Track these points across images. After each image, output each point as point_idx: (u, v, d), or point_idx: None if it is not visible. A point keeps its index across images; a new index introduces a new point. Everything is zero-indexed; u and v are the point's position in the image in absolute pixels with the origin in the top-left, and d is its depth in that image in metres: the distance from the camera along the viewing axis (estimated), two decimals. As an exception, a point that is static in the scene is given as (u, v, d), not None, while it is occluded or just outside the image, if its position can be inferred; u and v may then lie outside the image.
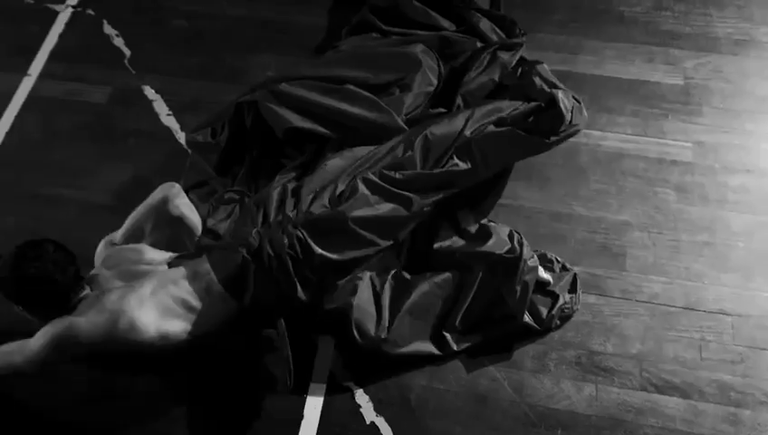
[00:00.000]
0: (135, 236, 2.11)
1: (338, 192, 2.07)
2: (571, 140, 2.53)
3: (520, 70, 2.44)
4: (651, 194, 2.44)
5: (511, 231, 2.18)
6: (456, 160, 2.14)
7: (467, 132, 2.15)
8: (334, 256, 1.98)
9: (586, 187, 2.47)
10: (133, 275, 1.96)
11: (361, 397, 2.05)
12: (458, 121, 2.18)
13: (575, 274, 2.22)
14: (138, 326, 1.85)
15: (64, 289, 1.87)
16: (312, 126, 2.29)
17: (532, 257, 2.11)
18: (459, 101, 2.40)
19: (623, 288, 2.25)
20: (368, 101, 2.32)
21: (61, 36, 2.91)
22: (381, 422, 2.01)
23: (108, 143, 2.60)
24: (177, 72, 2.79)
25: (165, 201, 2.11)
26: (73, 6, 3.00)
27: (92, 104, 2.71)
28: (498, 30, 2.63)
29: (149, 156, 2.56)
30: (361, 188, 2.05)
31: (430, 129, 2.16)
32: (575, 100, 2.30)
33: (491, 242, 2.12)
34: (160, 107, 2.70)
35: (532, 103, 2.26)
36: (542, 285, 2.16)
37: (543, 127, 2.21)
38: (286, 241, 1.96)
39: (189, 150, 2.45)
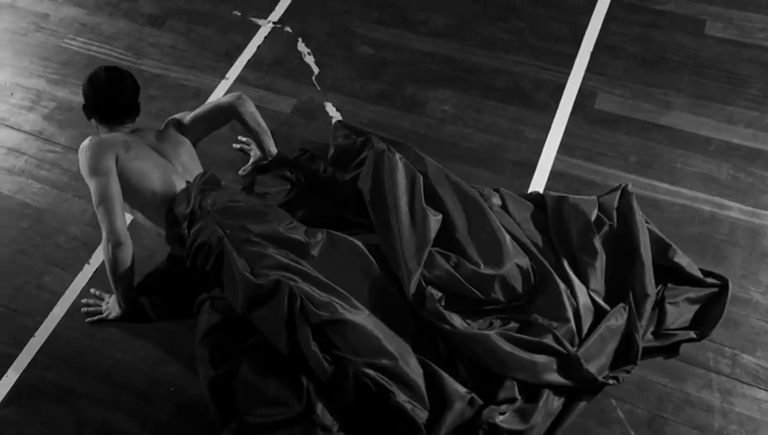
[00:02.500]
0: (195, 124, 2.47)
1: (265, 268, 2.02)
2: (756, 221, 2.41)
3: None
4: (843, 294, 2.22)
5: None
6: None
7: None
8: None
9: None
10: (155, 152, 2.32)
11: None
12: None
13: None
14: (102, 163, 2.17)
15: (109, 105, 2.28)
16: (370, 210, 2.24)
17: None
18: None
19: (800, 390, 2.05)
20: (419, 243, 2.13)
21: (259, 48, 3.15)
22: None
23: (285, 150, 2.74)
24: (358, 95, 2.92)
25: (233, 108, 2.44)
26: (274, 23, 3.24)
27: (277, 112, 2.89)
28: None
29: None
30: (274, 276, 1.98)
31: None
32: None
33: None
34: (338, 124, 2.83)
35: None
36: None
37: None
38: (208, 236, 2.09)
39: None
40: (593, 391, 2.03)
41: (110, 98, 2.27)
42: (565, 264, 2.21)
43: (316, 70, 3.04)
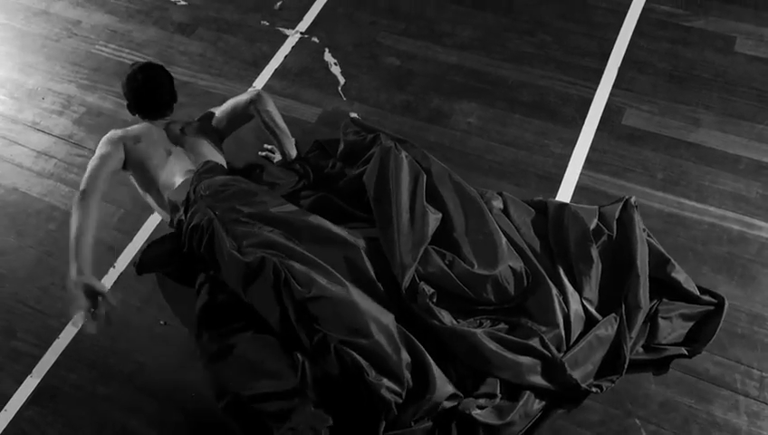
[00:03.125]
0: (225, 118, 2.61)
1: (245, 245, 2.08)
2: (786, 241, 2.36)
3: None
4: None
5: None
6: None
7: None
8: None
9: (797, 295, 2.24)
10: (173, 143, 2.47)
11: None
12: None
13: None
14: (115, 147, 2.39)
15: (149, 105, 2.50)
16: (372, 204, 2.26)
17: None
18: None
19: (830, 416, 2.00)
20: (416, 240, 2.15)
21: (286, 57, 3.18)
22: None
23: (310, 159, 2.76)
24: (383, 106, 2.93)
25: (249, 105, 2.51)
26: (301, 33, 3.27)
27: (302, 121, 2.91)
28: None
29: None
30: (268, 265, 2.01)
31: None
32: None
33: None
34: (363, 134, 2.83)
35: None
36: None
37: None
38: (200, 219, 2.13)
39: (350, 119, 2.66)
40: (576, 398, 2.02)
41: (149, 98, 2.49)
42: (560, 270, 2.20)
43: (342, 80, 3.05)
